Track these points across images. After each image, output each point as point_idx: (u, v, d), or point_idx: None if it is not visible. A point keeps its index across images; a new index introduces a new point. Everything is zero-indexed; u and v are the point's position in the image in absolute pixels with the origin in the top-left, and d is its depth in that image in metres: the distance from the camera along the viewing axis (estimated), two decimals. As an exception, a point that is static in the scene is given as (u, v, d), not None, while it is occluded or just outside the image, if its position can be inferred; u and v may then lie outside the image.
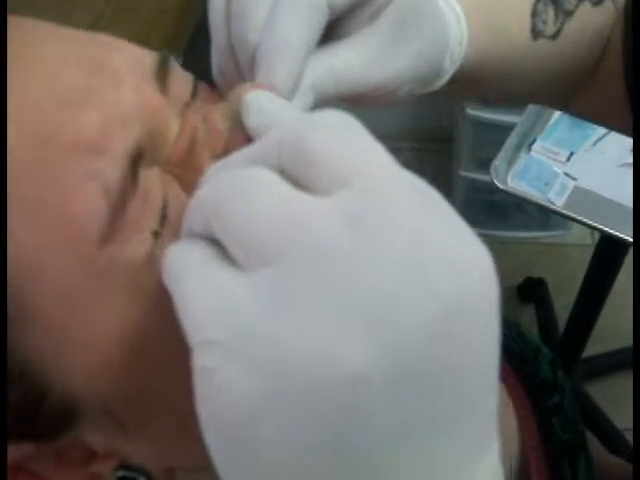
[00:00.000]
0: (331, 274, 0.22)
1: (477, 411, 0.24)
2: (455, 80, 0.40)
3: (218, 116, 0.32)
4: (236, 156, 0.27)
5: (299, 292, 0.22)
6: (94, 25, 0.93)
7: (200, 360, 0.23)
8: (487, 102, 1.20)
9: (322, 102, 0.35)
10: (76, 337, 0.29)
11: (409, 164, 0.25)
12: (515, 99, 0.53)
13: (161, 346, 0.25)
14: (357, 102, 0.37)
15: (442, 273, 0.23)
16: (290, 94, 0.33)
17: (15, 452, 0.31)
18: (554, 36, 0.44)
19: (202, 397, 0.23)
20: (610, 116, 0.51)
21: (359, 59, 0.35)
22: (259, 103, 0.31)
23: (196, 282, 0.24)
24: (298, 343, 0.22)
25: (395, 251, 0.23)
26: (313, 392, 0.22)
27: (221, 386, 0.22)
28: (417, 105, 2.00)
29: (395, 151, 0.25)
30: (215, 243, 0.25)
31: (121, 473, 0.34)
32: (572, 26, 0.45)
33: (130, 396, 0.31)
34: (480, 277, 0.24)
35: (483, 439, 0.25)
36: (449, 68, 0.39)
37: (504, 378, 0.52)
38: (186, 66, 0.36)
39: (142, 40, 0.34)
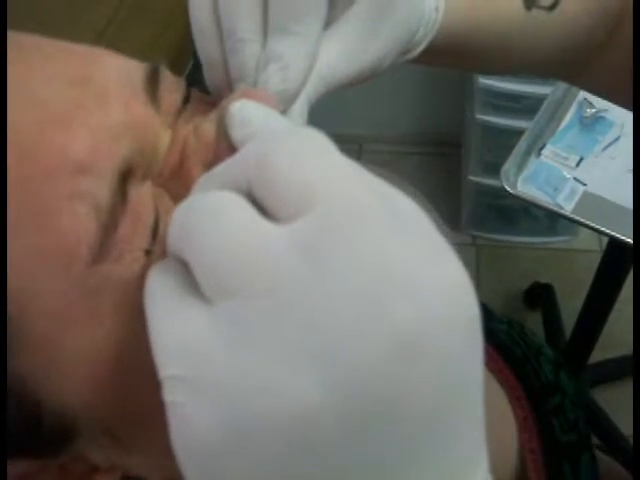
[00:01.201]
0: (283, 308, 0.22)
1: (448, 439, 0.23)
2: (438, 49, 0.40)
3: (208, 126, 0.32)
4: (214, 172, 0.27)
5: (254, 326, 0.22)
6: (108, 25, 0.94)
7: (168, 395, 0.23)
8: (484, 73, 1.17)
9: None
10: (67, 355, 0.29)
11: (417, 169, 0.25)
12: (518, 70, 0.51)
13: (152, 363, 0.25)
14: (344, 87, 0.37)
15: (398, 303, 0.22)
16: (296, 94, 0.33)
17: (18, 469, 0.31)
18: (551, 7, 0.43)
19: (173, 430, 0.23)
20: (616, 92, 0.50)
21: (341, 53, 0.35)
22: (244, 114, 0.30)
23: (163, 314, 0.24)
24: (251, 378, 0.22)
25: (350, 283, 0.22)
26: (265, 427, 0.22)
27: (186, 420, 0.23)
28: (425, 110, 2.00)
29: (404, 156, 0.25)
30: (187, 267, 0.25)
31: None
32: None
33: (124, 412, 0.31)
34: (443, 302, 0.23)
35: (464, 465, 0.24)
36: (427, 34, 0.39)
37: (503, 380, 0.51)
38: (198, 66, 0.36)
39: (156, 40, 0.34)
